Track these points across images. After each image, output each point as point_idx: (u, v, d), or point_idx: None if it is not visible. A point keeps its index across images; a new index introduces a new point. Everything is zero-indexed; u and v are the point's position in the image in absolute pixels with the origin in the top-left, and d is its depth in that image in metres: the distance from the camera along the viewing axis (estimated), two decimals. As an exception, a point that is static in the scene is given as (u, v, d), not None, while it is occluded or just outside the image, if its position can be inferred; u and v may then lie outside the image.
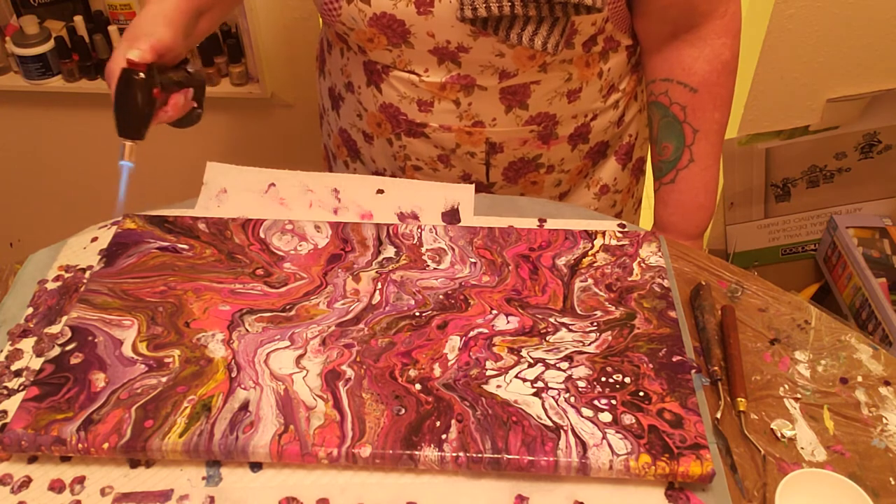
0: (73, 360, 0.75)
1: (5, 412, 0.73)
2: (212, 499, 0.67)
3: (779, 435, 0.73)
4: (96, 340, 0.77)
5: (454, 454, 0.68)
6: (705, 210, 1.00)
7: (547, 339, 0.78)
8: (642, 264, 0.86)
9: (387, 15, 0.86)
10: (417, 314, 0.80)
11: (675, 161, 0.98)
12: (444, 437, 0.69)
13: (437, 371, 0.75)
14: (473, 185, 0.97)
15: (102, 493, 0.68)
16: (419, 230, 0.90)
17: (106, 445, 0.68)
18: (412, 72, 0.92)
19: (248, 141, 1.82)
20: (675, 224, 1.01)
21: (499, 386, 0.73)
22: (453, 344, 0.77)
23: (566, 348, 0.77)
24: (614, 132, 1.05)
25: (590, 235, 0.89)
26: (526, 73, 0.91)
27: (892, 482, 0.70)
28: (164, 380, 0.73)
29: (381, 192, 0.96)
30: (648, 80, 0.99)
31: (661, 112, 0.98)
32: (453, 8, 0.84)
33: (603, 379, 0.74)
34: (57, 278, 0.86)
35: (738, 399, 0.75)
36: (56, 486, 0.68)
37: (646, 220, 1.29)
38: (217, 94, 1.69)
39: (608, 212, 1.13)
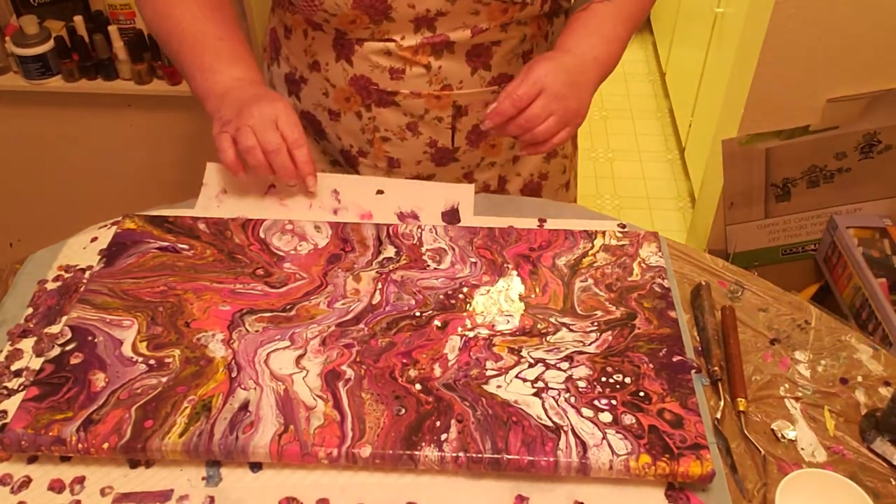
0: (73, 360, 0.75)
1: (5, 412, 0.73)
2: (212, 499, 0.67)
3: (779, 435, 0.73)
4: (96, 340, 0.77)
5: (454, 454, 0.68)
6: (608, 42, 0.95)
7: (547, 339, 0.78)
8: (642, 264, 0.86)
9: None
10: (418, 314, 0.80)
11: None
12: (444, 437, 0.69)
13: (438, 371, 0.74)
14: (473, 185, 0.97)
15: (102, 493, 0.68)
16: (419, 230, 0.90)
17: (106, 445, 0.68)
18: (389, 39, 0.94)
19: (248, 141, 1.82)
20: (569, 42, 0.95)
21: (499, 386, 0.73)
22: (453, 344, 0.77)
23: (566, 348, 0.77)
24: None
25: (590, 235, 0.89)
26: (492, 31, 0.94)
27: (893, 483, 0.70)
28: (164, 380, 0.73)
29: (380, 192, 0.96)
30: None
31: None
32: None
33: (603, 379, 0.74)
34: (57, 278, 0.86)
35: (739, 399, 0.75)
36: (56, 486, 0.68)
37: (661, 218, 1.26)
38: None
39: (560, 178, 1.16)
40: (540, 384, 0.73)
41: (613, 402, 0.72)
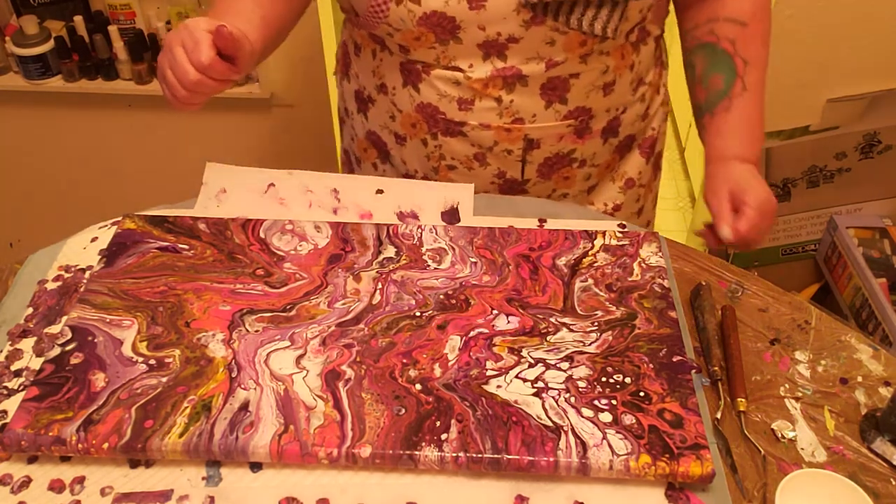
0: (73, 360, 0.75)
1: (5, 412, 0.73)
2: (212, 499, 0.67)
3: (779, 435, 0.73)
4: (96, 340, 0.77)
5: (454, 454, 0.68)
6: (760, 138, 0.97)
7: (547, 339, 0.78)
8: (642, 264, 0.86)
9: (437, 13, 0.85)
10: (418, 314, 0.80)
11: (728, 90, 0.95)
12: (444, 437, 0.69)
13: (438, 371, 0.74)
14: (472, 185, 0.97)
15: (102, 493, 0.68)
16: (419, 230, 0.90)
17: (106, 445, 0.68)
18: (456, 68, 0.91)
19: (248, 141, 1.82)
20: (734, 149, 0.94)
21: (499, 386, 0.73)
22: (453, 344, 0.77)
23: (567, 348, 0.77)
24: (640, 126, 1.06)
25: (590, 235, 0.89)
26: (570, 63, 0.91)
27: (893, 483, 0.70)
28: (164, 380, 0.73)
29: (380, 192, 0.96)
30: (688, 29, 0.99)
31: (706, 50, 0.97)
32: (507, 0, 0.84)
33: (603, 379, 0.74)
34: (57, 278, 0.86)
35: (739, 399, 0.75)
36: (56, 486, 0.68)
37: (661, 218, 1.24)
38: (217, 94, 1.69)
39: (632, 206, 1.13)
40: (540, 384, 0.73)
41: (613, 402, 0.72)
